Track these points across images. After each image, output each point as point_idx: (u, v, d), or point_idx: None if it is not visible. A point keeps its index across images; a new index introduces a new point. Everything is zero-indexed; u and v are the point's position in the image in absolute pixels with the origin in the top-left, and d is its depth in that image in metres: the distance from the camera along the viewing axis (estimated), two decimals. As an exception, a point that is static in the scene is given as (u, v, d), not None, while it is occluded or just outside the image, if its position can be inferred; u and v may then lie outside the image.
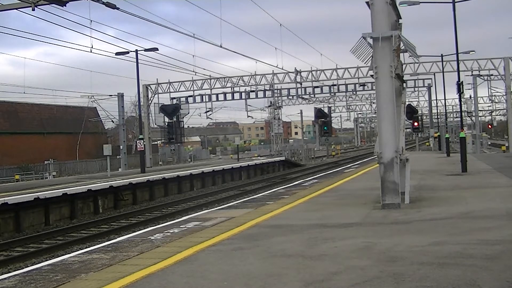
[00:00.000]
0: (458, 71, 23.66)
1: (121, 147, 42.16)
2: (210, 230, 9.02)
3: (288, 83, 49.48)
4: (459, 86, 23.35)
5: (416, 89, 60.06)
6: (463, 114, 25.63)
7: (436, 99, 52.76)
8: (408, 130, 45.01)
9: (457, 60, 22.51)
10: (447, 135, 37.03)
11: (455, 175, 17.77)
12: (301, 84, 49.41)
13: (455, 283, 5.04)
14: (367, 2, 10.66)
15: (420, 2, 25.15)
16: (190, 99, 49.80)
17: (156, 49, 32.07)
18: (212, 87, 48.53)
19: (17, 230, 17.21)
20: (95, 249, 8.04)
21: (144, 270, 6.25)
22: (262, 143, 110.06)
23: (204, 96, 50.02)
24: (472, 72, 45.39)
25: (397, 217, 9.27)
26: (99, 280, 5.91)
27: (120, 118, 43.41)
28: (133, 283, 5.73)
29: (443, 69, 38.47)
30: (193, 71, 38.81)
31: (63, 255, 9.60)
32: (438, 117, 64.59)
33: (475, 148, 41.58)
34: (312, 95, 55.09)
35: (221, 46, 31.24)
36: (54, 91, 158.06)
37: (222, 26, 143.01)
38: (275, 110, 58.03)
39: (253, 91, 50.42)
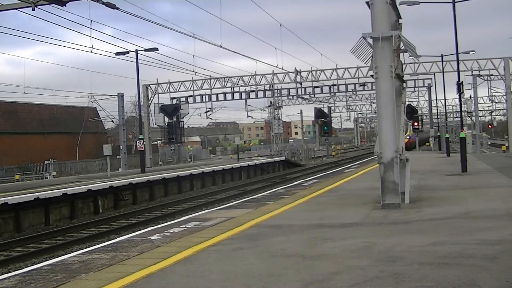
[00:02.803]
0: (458, 71, 23.67)
1: (121, 147, 42.16)
2: (210, 230, 9.02)
3: (288, 83, 49.49)
4: (459, 86, 23.36)
5: (416, 89, 60.05)
6: (463, 114, 25.64)
7: (436, 99, 52.76)
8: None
9: (457, 60, 22.52)
10: (447, 135, 37.06)
11: (455, 175, 17.77)
12: (301, 84, 49.40)
13: (455, 283, 5.04)
14: (367, 2, 10.66)
15: (420, 2, 25.15)
16: (190, 99, 49.78)
17: (156, 49, 32.08)
18: (212, 87, 48.52)
19: (17, 230, 17.21)
20: (95, 249, 8.04)
21: (144, 270, 6.25)
22: (262, 143, 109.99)
23: (204, 96, 50.01)
24: (472, 72, 45.39)
25: (397, 217, 9.28)
26: (99, 280, 5.91)
27: (120, 118, 43.42)
28: (133, 283, 5.73)
29: (443, 69, 38.46)
30: (193, 71, 38.88)
31: (63, 255, 9.60)
32: (438, 117, 64.58)
33: (475, 148, 41.59)
34: (312, 95, 55.08)
35: (221, 46, 31.28)
36: (54, 91, 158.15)
37: (222, 26, 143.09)
38: (275, 110, 58.00)
39: (253, 91, 50.42)
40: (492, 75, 47.60)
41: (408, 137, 48.74)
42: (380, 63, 10.45)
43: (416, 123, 43.53)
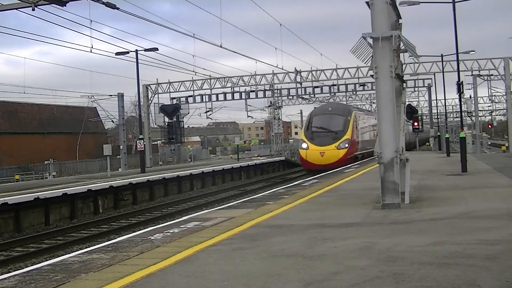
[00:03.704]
0: (458, 71, 23.67)
1: (121, 147, 42.19)
2: (210, 230, 9.01)
3: (288, 83, 49.49)
4: (459, 86, 23.35)
5: (416, 89, 60.03)
6: (463, 114, 25.64)
7: (436, 99, 52.83)
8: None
9: (457, 60, 22.53)
10: (447, 135, 37.07)
11: (455, 175, 17.77)
12: (301, 84, 49.41)
13: (455, 283, 5.03)
14: (367, 2, 10.65)
15: (420, 2, 25.15)
16: (190, 99, 49.80)
17: (156, 49, 32.10)
18: (212, 87, 48.53)
19: (17, 230, 17.21)
20: (95, 249, 8.03)
21: (144, 270, 6.25)
22: (262, 143, 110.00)
23: (204, 96, 50.01)
24: (472, 72, 45.39)
25: (397, 217, 9.27)
26: (99, 280, 5.91)
27: (120, 118, 43.44)
28: (133, 283, 5.72)
29: (443, 69, 38.47)
30: (193, 71, 38.92)
31: (63, 255, 9.59)
32: (438, 117, 64.58)
33: (475, 148, 41.59)
34: (312, 95, 55.07)
35: (221, 46, 31.28)
36: (54, 91, 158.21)
37: (222, 26, 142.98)
38: (275, 110, 58.00)
39: (253, 91, 50.42)
40: (492, 75, 47.62)
41: None
42: (380, 63, 10.45)
43: (416, 123, 43.52)
